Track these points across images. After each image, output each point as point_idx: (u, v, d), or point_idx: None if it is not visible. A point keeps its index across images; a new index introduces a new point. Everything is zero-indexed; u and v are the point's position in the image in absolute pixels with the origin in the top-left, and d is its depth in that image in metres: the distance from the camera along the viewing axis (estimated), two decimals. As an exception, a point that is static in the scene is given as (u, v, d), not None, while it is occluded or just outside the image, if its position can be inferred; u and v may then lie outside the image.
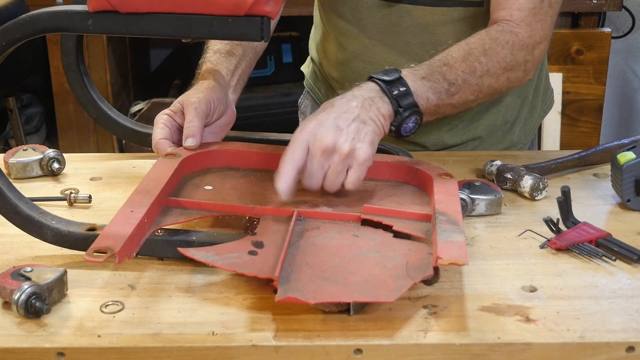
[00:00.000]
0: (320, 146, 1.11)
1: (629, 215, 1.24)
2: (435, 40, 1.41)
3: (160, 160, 1.22)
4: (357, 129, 1.13)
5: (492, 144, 1.55)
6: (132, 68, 3.10)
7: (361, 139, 1.13)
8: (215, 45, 1.44)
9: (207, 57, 1.43)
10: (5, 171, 1.30)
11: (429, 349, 0.93)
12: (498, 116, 1.53)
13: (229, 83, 1.40)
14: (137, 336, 0.94)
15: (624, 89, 3.28)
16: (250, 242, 1.06)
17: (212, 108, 1.30)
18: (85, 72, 1.44)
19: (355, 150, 1.12)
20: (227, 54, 1.43)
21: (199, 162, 1.25)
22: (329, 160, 1.12)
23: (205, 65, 1.41)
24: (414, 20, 1.42)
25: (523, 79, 1.35)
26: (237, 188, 1.20)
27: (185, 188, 1.20)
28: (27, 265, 1.02)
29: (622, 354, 0.93)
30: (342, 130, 1.12)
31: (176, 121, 1.31)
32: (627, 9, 2.95)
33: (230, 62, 1.42)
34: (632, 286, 1.04)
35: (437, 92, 1.23)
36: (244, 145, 1.30)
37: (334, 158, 1.12)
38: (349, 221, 1.12)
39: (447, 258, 0.96)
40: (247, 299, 1.01)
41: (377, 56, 1.47)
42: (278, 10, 0.96)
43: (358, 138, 1.12)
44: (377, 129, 1.16)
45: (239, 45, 1.44)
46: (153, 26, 0.97)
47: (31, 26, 1.01)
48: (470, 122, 1.52)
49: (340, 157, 1.11)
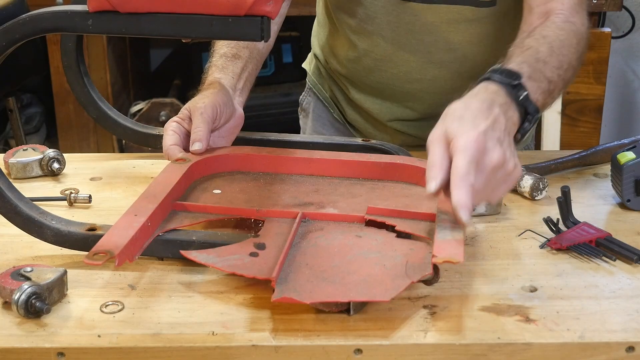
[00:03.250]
0: (492, 162, 1.01)
1: (629, 215, 1.24)
2: (448, 39, 1.42)
3: (169, 165, 1.22)
4: (510, 142, 1.06)
5: None
6: (132, 68, 3.10)
7: (514, 153, 1.06)
8: (222, 48, 1.44)
9: (214, 62, 1.42)
10: (5, 171, 1.30)
11: (429, 349, 0.93)
12: None
13: (235, 86, 1.39)
14: (137, 336, 0.94)
15: (624, 89, 3.28)
16: (252, 243, 1.06)
17: (218, 112, 1.30)
18: (85, 72, 1.44)
19: (516, 166, 1.05)
20: (233, 57, 1.42)
21: (208, 167, 1.26)
22: (496, 175, 1.03)
23: (212, 70, 1.40)
24: (428, 19, 1.42)
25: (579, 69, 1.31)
26: (245, 191, 1.21)
27: (194, 192, 1.20)
28: (27, 265, 1.02)
29: (622, 354, 0.93)
30: (502, 143, 1.03)
31: (185, 127, 1.31)
32: (627, 9, 2.95)
33: (237, 65, 1.42)
34: (632, 286, 1.04)
35: (543, 92, 1.17)
36: (253, 149, 1.30)
37: (499, 173, 1.03)
38: (353, 222, 1.12)
39: (442, 256, 0.96)
40: (247, 299, 1.01)
41: (388, 54, 1.47)
42: (278, 10, 0.96)
43: (513, 152, 1.05)
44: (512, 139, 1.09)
45: (245, 47, 1.44)
46: (153, 26, 0.97)
47: (31, 26, 1.01)
48: None
49: (505, 173, 1.03)
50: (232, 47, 1.43)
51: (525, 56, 1.19)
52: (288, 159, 1.20)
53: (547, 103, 1.19)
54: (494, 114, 1.05)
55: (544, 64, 1.19)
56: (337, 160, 1.26)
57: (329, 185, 1.23)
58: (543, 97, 1.16)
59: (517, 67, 1.15)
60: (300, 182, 1.24)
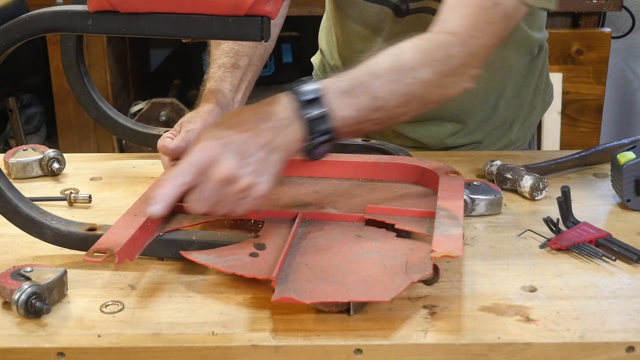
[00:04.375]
0: (220, 173, 1.01)
1: (629, 215, 1.24)
2: None
3: (170, 166, 1.22)
4: (262, 159, 1.03)
5: (490, 143, 1.56)
6: (132, 68, 3.10)
7: (263, 172, 1.03)
8: (220, 58, 1.40)
9: (211, 74, 1.38)
10: (5, 171, 1.30)
11: (429, 349, 0.93)
12: (496, 119, 1.54)
13: (233, 99, 1.37)
14: (137, 336, 0.94)
15: (624, 89, 3.28)
16: (252, 244, 1.06)
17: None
18: (85, 72, 1.44)
19: (254, 185, 1.02)
20: (232, 67, 1.39)
21: None
22: (225, 189, 1.02)
23: (209, 84, 1.37)
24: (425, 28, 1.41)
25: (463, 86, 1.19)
26: None
27: None
28: (27, 265, 1.02)
29: (622, 354, 0.93)
30: (246, 158, 1.02)
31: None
32: (627, 9, 2.95)
33: (235, 76, 1.38)
34: (632, 286, 1.04)
35: (359, 109, 1.09)
36: None
37: (231, 189, 1.02)
38: (353, 222, 1.12)
39: (440, 250, 0.96)
40: (247, 299, 1.01)
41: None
42: (278, 10, 0.96)
43: (261, 170, 1.03)
44: (284, 157, 1.06)
45: (244, 55, 1.40)
46: (153, 26, 0.97)
47: (31, 26, 1.01)
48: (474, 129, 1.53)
49: (236, 190, 1.02)
50: (230, 56, 1.40)
51: (360, 67, 1.13)
52: (288, 161, 1.18)
53: (374, 119, 1.11)
54: (260, 128, 1.03)
55: (374, 77, 1.11)
56: (336, 161, 1.25)
57: (329, 186, 1.23)
58: (360, 113, 1.09)
59: (329, 82, 1.09)
60: (299, 184, 1.24)
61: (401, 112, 1.14)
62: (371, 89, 1.10)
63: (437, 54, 1.14)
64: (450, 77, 1.15)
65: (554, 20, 2.71)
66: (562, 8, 2.66)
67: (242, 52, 1.40)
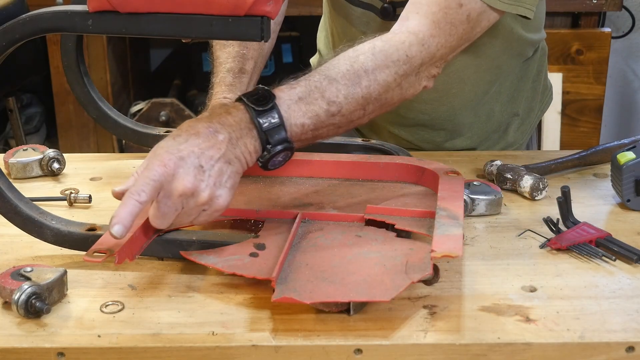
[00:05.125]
0: (178, 189, 1.01)
1: (629, 215, 1.24)
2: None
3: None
4: (220, 171, 1.03)
5: (487, 147, 1.55)
6: (132, 68, 3.10)
7: (222, 184, 1.03)
8: (227, 63, 1.38)
9: (220, 78, 1.36)
10: (5, 171, 1.30)
11: (429, 349, 0.93)
12: (491, 124, 1.53)
13: None
14: (137, 336, 0.94)
15: (624, 89, 3.28)
16: (252, 244, 1.06)
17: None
18: (85, 72, 1.43)
19: (215, 197, 1.03)
20: (239, 72, 1.37)
21: None
22: (184, 203, 1.02)
23: (219, 88, 1.35)
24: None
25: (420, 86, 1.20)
26: (244, 193, 1.21)
27: None
28: (27, 265, 1.02)
29: (622, 354, 0.93)
30: (204, 172, 1.02)
31: None
32: (627, 9, 2.95)
33: (243, 81, 1.37)
34: (632, 286, 1.04)
35: (315, 116, 1.09)
36: None
37: (190, 202, 1.02)
38: (353, 222, 1.12)
39: (440, 251, 0.96)
40: (247, 299, 1.01)
41: None
42: (278, 10, 0.96)
43: (219, 183, 1.03)
44: (241, 169, 1.06)
45: (250, 59, 1.39)
46: (153, 26, 0.97)
47: (31, 26, 1.01)
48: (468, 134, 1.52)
49: (196, 203, 1.02)
50: (237, 61, 1.38)
51: (315, 72, 1.13)
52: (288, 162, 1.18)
53: (331, 124, 1.12)
54: (214, 141, 1.03)
55: (329, 82, 1.11)
56: (336, 161, 1.25)
57: (329, 186, 1.23)
58: (314, 120, 1.09)
59: (285, 88, 1.10)
60: (299, 184, 1.24)
61: (359, 115, 1.14)
62: (326, 94, 1.10)
63: (395, 55, 1.14)
64: (409, 77, 1.16)
65: (554, 20, 2.71)
66: (562, 8, 2.66)
67: (248, 55, 1.39)
